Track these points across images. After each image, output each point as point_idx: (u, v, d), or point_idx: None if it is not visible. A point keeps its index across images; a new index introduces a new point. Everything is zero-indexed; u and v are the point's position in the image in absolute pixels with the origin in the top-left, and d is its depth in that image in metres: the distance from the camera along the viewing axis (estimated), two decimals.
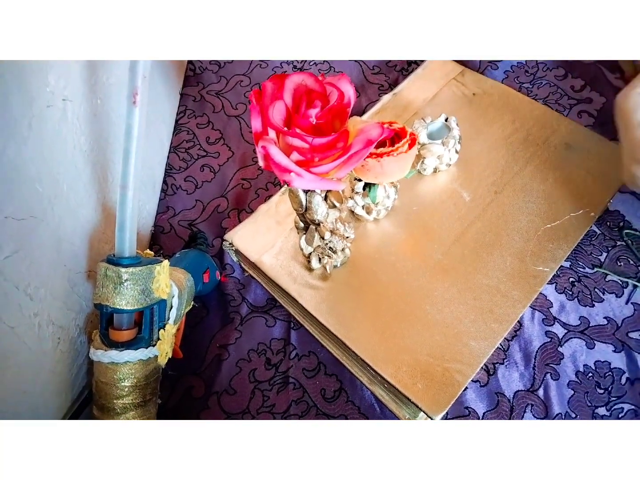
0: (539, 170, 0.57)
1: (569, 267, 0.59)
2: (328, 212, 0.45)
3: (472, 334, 0.48)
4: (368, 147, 0.38)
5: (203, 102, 0.78)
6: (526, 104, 0.63)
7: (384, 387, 0.52)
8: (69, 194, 0.46)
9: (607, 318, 0.56)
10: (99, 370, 0.44)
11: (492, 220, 0.55)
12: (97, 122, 0.52)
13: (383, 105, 0.65)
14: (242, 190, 0.69)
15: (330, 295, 0.52)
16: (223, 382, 0.56)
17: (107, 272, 0.42)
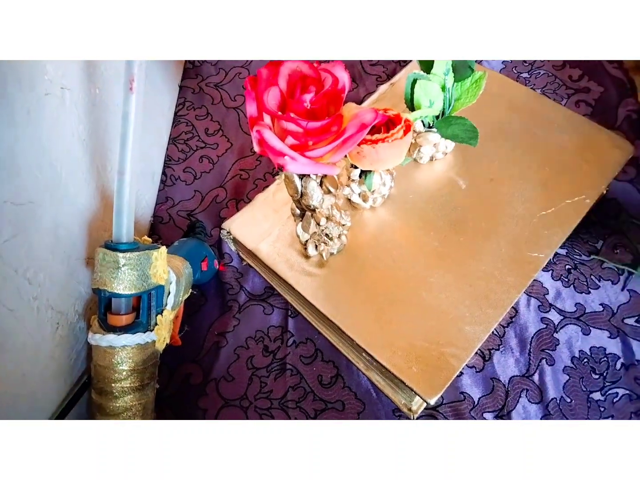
0: (535, 158, 0.58)
1: (565, 255, 0.59)
2: (323, 197, 0.45)
3: (467, 319, 0.49)
4: (362, 131, 0.38)
5: (202, 94, 0.78)
6: (523, 93, 0.63)
7: (380, 373, 0.52)
8: (67, 181, 0.47)
9: (603, 305, 0.56)
10: (97, 354, 0.45)
11: (488, 208, 0.55)
12: (95, 111, 0.52)
13: (380, 95, 0.65)
14: (240, 181, 0.69)
15: (327, 282, 0.52)
16: (221, 369, 0.56)
17: (105, 257, 0.43)
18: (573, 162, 0.57)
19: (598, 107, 0.70)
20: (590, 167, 0.56)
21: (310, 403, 0.54)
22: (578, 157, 0.57)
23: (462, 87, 0.53)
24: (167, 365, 0.56)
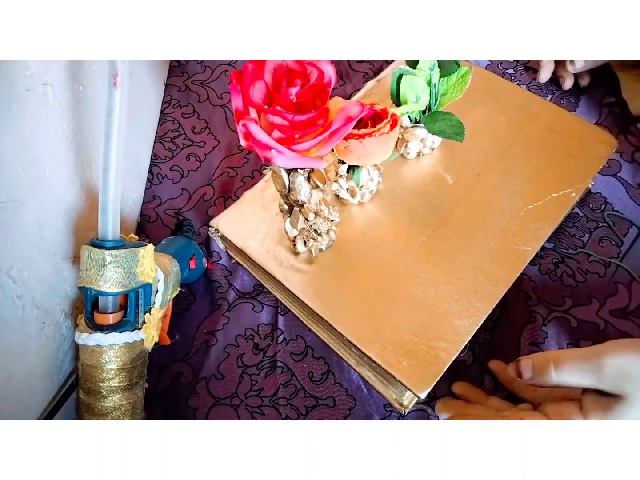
0: (522, 153, 0.58)
1: (552, 249, 0.60)
2: (311, 192, 0.45)
3: (457, 313, 0.49)
4: (348, 124, 0.38)
5: (188, 92, 0.78)
6: (509, 89, 0.64)
7: (370, 368, 0.52)
8: (52, 179, 0.46)
9: (590, 297, 0.57)
10: (84, 353, 0.44)
11: (475, 202, 0.55)
12: (79, 108, 0.52)
13: (367, 92, 0.65)
14: (228, 179, 0.69)
15: (316, 279, 0.52)
16: (211, 368, 0.56)
17: (91, 255, 0.42)
18: (559, 157, 0.57)
19: (582, 102, 0.70)
20: (576, 161, 0.57)
21: (302, 400, 0.53)
22: (564, 151, 0.57)
23: (448, 82, 0.53)
24: (157, 364, 0.56)
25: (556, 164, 0.57)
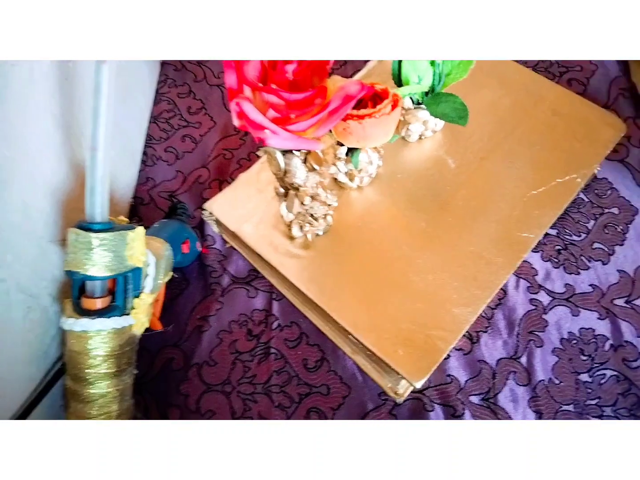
0: (526, 136, 0.56)
1: (555, 235, 0.58)
2: (308, 175, 0.43)
3: (455, 300, 0.48)
4: (347, 103, 0.37)
5: (184, 71, 0.76)
6: (514, 70, 0.61)
7: (366, 356, 0.51)
8: (38, 158, 0.44)
9: (593, 285, 0.55)
10: (71, 339, 0.43)
11: (477, 187, 0.53)
12: (68, 86, 0.49)
13: (368, 72, 0.63)
14: (224, 161, 0.67)
15: (312, 264, 0.51)
16: (203, 354, 0.55)
17: (78, 238, 0.41)
18: (565, 140, 0.55)
19: (591, 85, 0.68)
20: (582, 146, 0.55)
21: (295, 387, 0.52)
22: (570, 135, 0.56)
23: (453, 62, 0.51)
24: (148, 350, 0.55)
25: (561, 148, 0.55)
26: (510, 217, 0.51)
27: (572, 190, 0.53)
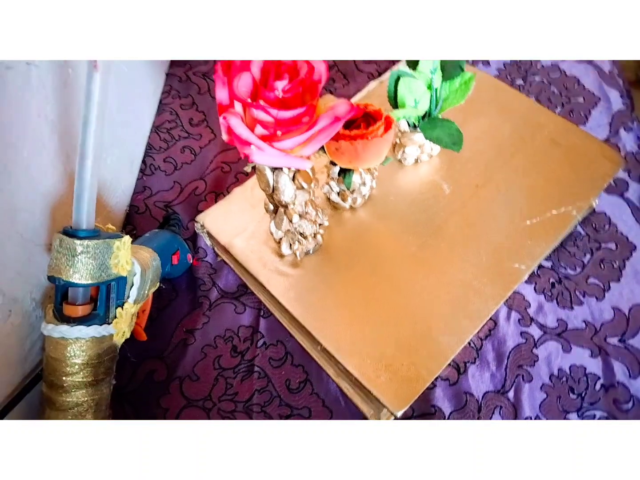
0: (523, 165, 0.56)
1: (550, 268, 0.57)
2: (296, 193, 0.43)
3: (442, 329, 0.47)
4: (335, 124, 0.36)
5: (189, 83, 0.76)
6: (515, 97, 0.61)
7: (349, 380, 0.50)
8: (30, 162, 0.45)
9: (586, 322, 0.54)
10: (49, 345, 0.42)
11: (471, 215, 0.53)
12: (67, 92, 0.50)
13: (369, 92, 0.63)
14: (221, 174, 0.67)
15: (300, 283, 0.50)
16: (186, 368, 0.54)
17: (62, 244, 0.41)
18: (562, 172, 0.55)
19: (593, 117, 0.68)
20: (579, 178, 0.54)
21: (276, 408, 0.51)
22: (567, 166, 0.55)
23: (451, 87, 0.51)
24: (131, 360, 0.54)
25: (558, 179, 0.54)
26: (502, 247, 0.51)
27: (567, 222, 0.52)
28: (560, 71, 0.73)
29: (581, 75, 0.72)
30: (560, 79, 0.72)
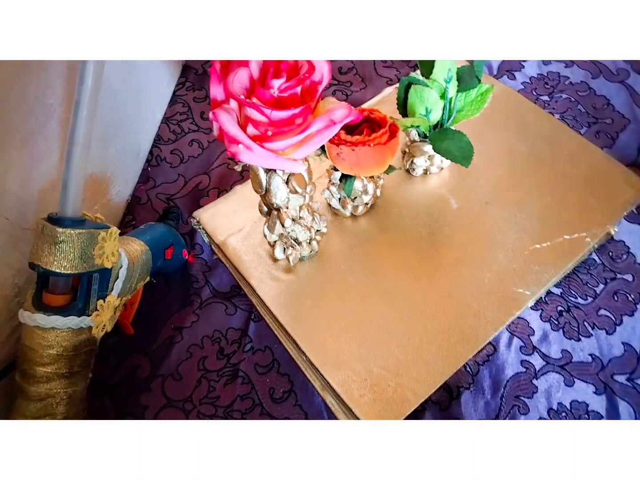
0: (538, 185, 0.53)
1: (559, 295, 0.54)
2: (289, 197, 0.41)
3: (434, 351, 0.44)
4: (330, 128, 0.34)
5: (204, 76, 0.75)
6: (536, 114, 0.58)
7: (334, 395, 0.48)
8: (23, 145, 0.44)
9: (593, 355, 0.51)
10: (25, 333, 0.41)
11: (477, 233, 0.50)
12: (71, 76, 0.49)
13: (383, 98, 0.61)
14: (226, 170, 0.66)
15: (290, 289, 0.48)
16: (170, 366, 0.53)
17: (44, 230, 0.40)
18: (579, 195, 0.52)
19: (620, 140, 0.64)
20: (598, 203, 0.51)
21: (257, 416, 0.50)
22: (586, 190, 0.52)
23: (467, 98, 0.49)
24: (115, 354, 0.53)
25: (574, 203, 0.51)
26: (507, 270, 0.48)
27: (579, 249, 0.49)
28: (590, 89, 0.69)
29: (611, 95, 0.69)
30: (589, 97, 0.69)
